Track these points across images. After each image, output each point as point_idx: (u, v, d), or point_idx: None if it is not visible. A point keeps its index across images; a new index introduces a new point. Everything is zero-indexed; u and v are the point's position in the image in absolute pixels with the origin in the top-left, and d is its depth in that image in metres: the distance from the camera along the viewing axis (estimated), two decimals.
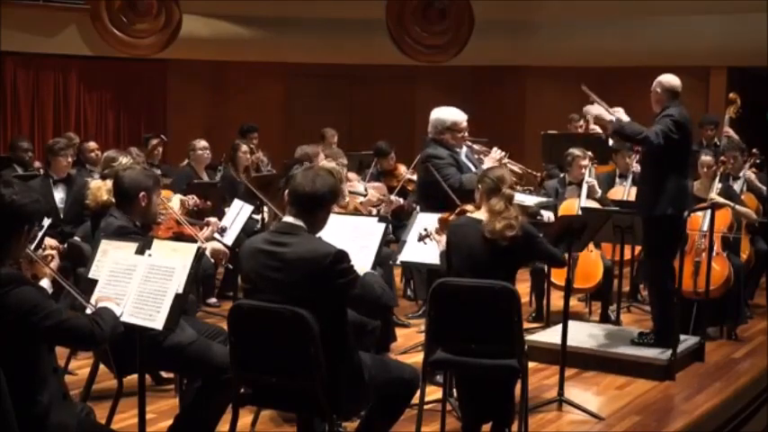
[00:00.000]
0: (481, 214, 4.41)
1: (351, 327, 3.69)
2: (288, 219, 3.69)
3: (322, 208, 3.69)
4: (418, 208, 5.62)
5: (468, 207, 4.65)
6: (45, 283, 3.44)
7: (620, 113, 5.67)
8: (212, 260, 4.36)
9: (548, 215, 7.08)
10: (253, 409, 4.43)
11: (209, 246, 4.32)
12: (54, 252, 3.66)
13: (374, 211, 6.55)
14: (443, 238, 4.66)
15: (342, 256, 3.54)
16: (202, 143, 8.39)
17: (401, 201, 7.09)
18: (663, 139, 5.50)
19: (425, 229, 4.86)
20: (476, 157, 6.17)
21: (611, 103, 5.74)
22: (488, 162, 5.95)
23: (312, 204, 3.66)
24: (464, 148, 6.11)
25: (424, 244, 4.91)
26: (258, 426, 4.54)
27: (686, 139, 5.73)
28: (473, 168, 5.97)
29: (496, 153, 6.03)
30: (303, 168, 3.85)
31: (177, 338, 4.01)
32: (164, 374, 5.25)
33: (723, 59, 11.14)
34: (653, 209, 5.69)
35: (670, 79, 5.79)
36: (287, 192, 3.77)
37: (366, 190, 7.09)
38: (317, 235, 3.69)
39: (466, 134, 6.08)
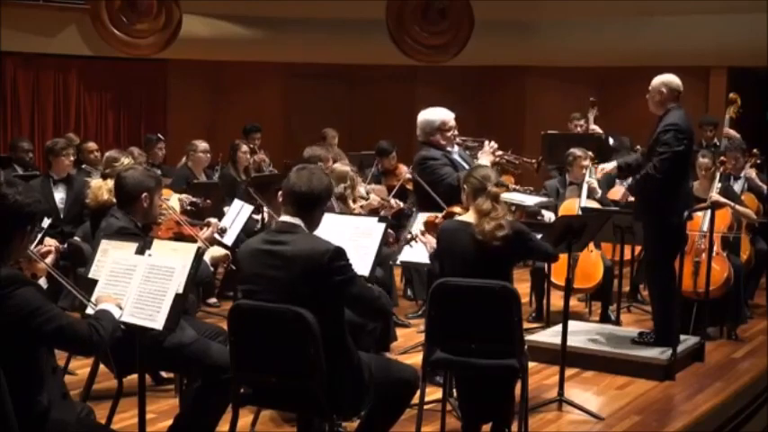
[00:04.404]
0: (469, 216, 4.35)
1: (348, 326, 3.69)
2: (285, 218, 3.70)
3: (318, 206, 3.73)
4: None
5: (456, 209, 4.63)
6: (41, 279, 3.44)
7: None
8: (212, 268, 4.33)
9: (548, 215, 7.09)
10: (253, 409, 4.43)
11: (208, 253, 4.28)
12: (51, 247, 3.65)
13: None
14: (431, 240, 4.65)
15: (339, 253, 3.56)
16: (203, 145, 8.33)
17: (401, 204, 7.10)
18: (663, 168, 5.51)
19: (410, 233, 4.88)
20: (468, 153, 6.12)
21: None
22: (483, 156, 5.91)
23: (309, 203, 3.68)
24: (456, 148, 6.03)
25: (410, 247, 4.92)
26: (258, 426, 4.54)
27: (689, 145, 5.72)
28: (468, 166, 5.92)
29: (489, 146, 5.98)
30: (296, 168, 3.83)
31: (177, 338, 4.00)
32: (164, 374, 5.25)
33: (723, 59, 11.13)
34: (668, 215, 5.66)
35: (675, 79, 5.76)
36: (280, 192, 3.77)
37: (368, 193, 7.09)
38: (315, 233, 3.71)
39: (455, 132, 5.96)
